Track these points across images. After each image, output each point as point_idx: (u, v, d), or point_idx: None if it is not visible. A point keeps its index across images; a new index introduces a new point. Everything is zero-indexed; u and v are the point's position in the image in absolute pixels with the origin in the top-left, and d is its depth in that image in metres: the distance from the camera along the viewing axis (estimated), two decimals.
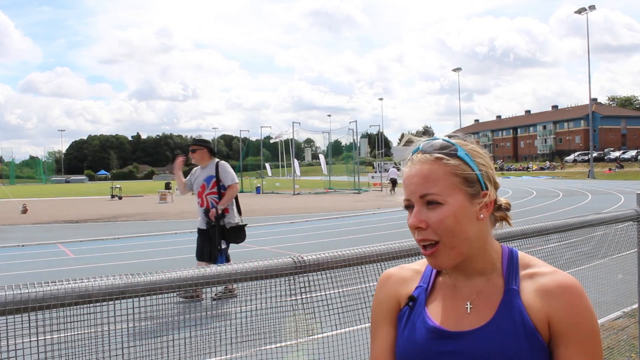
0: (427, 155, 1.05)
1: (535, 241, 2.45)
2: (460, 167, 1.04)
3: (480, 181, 1.05)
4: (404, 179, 1.07)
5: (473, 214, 1.04)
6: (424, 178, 1.03)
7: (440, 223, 1.01)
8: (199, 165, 6.31)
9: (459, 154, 1.05)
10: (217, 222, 5.98)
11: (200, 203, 6.18)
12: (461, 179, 1.03)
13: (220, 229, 6.00)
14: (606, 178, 44.71)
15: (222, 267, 1.54)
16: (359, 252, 1.80)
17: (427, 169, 1.04)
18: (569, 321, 0.99)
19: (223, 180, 6.09)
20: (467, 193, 1.03)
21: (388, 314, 1.16)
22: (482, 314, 1.04)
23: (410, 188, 1.05)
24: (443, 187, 1.02)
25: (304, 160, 54.66)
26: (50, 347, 1.39)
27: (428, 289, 1.13)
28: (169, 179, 74.25)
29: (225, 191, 6.07)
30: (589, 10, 48.64)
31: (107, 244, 11.83)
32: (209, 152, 6.26)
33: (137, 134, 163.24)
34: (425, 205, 1.03)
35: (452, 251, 1.02)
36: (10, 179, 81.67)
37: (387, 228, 13.79)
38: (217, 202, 6.03)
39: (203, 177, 6.17)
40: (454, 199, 1.02)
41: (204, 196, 6.13)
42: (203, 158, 6.22)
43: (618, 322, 4.27)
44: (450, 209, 1.02)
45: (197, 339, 1.66)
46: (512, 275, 1.06)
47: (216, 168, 6.14)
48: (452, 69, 72.55)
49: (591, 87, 51.88)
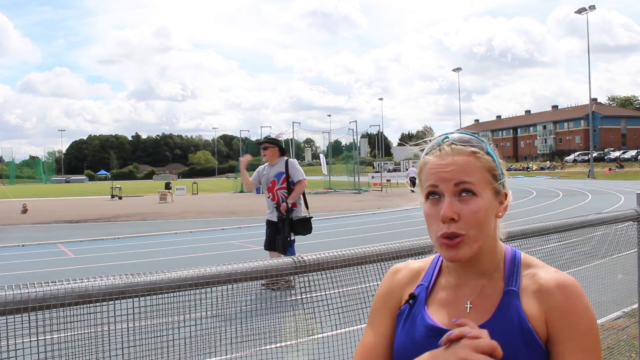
0: (462, 147, 1.04)
1: (535, 241, 2.45)
2: (491, 164, 1.05)
3: (502, 180, 1.07)
4: (431, 168, 1.05)
5: (496, 210, 1.06)
6: (461, 167, 1.02)
7: (473, 215, 1.01)
8: (269, 162, 6.72)
9: (489, 151, 1.06)
10: (287, 215, 6.41)
11: (271, 197, 6.62)
12: (491, 175, 1.05)
13: (289, 222, 6.43)
14: (606, 178, 44.71)
15: (222, 267, 1.54)
16: (359, 252, 1.80)
17: (463, 160, 1.03)
18: (567, 320, 0.99)
19: (292, 177, 6.54)
20: (494, 189, 1.05)
21: (390, 305, 1.17)
22: (480, 314, 1.04)
23: (442, 176, 1.02)
24: (478, 179, 1.02)
25: (304, 160, 54.63)
26: (50, 347, 1.39)
27: (429, 287, 1.13)
28: (168, 178, 74.32)
29: (294, 186, 6.53)
30: (589, 10, 48.63)
31: (107, 244, 11.83)
32: (279, 150, 6.72)
33: (137, 134, 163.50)
34: (457, 196, 1.02)
35: (474, 244, 1.02)
36: (10, 179, 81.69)
37: (387, 228, 13.80)
38: (287, 197, 6.47)
39: (273, 174, 6.61)
40: (486, 193, 1.03)
41: (275, 191, 6.57)
42: (274, 156, 6.68)
43: (618, 322, 4.27)
44: (483, 202, 1.02)
45: (197, 339, 1.65)
46: (513, 277, 1.06)
47: (286, 165, 6.58)
48: (452, 69, 72.58)
49: (590, 87, 51.85)
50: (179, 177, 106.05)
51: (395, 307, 1.16)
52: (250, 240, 11.69)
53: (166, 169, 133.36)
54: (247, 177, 6.93)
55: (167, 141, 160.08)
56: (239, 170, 8.42)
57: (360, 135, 38.26)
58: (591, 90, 52.95)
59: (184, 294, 1.52)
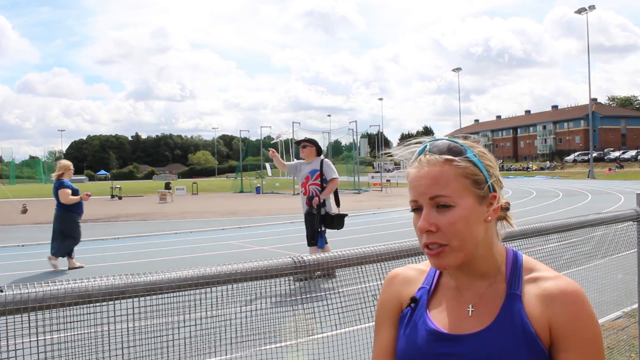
0: (436, 157, 1.02)
1: (535, 241, 2.44)
2: (470, 169, 1.02)
3: (488, 183, 1.04)
4: (411, 180, 1.04)
5: (482, 216, 1.03)
6: (434, 180, 1.00)
7: (451, 226, 0.99)
8: (305, 160, 7.32)
9: (468, 156, 1.03)
10: (318, 210, 6.98)
11: (303, 192, 7.23)
12: (471, 181, 1.02)
13: (320, 216, 6.99)
14: (606, 178, 44.70)
15: (222, 267, 1.54)
16: (359, 252, 1.80)
17: (437, 170, 1.01)
18: (571, 327, 0.98)
19: (326, 175, 7.10)
20: (476, 195, 1.02)
21: (391, 314, 1.16)
22: (483, 318, 1.03)
23: (419, 190, 1.02)
24: (454, 189, 1.00)
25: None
26: (50, 347, 1.39)
27: (430, 290, 1.12)
28: (168, 178, 74.27)
29: (327, 184, 7.08)
30: (588, 10, 48.63)
31: (107, 244, 11.83)
32: (316, 150, 7.31)
33: (137, 134, 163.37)
34: (434, 208, 1.01)
35: (459, 253, 1.01)
36: (10, 179, 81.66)
37: (387, 228, 13.80)
38: (318, 193, 7.03)
39: (308, 170, 7.19)
40: (464, 202, 1.00)
41: (307, 186, 7.14)
42: (311, 154, 7.27)
43: (618, 322, 4.27)
44: (461, 211, 1.00)
45: (197, 339, 1.65)
46: (515, 280, 1.05)
47: (321, 164, 7.15)
48: (451, 69, 72.57)
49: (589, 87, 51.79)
50: (179, 177, 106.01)
51: (396, 314, 1.15)
52: (250, 240, 11.69)
53: (166, 169, 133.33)
54: (280, 160, 7.56)
55: (167, 141, 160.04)
56: (239, 170, 8.84)
57: (360, 135, 38.25)
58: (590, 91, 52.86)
59: (184, 294, 1.52)
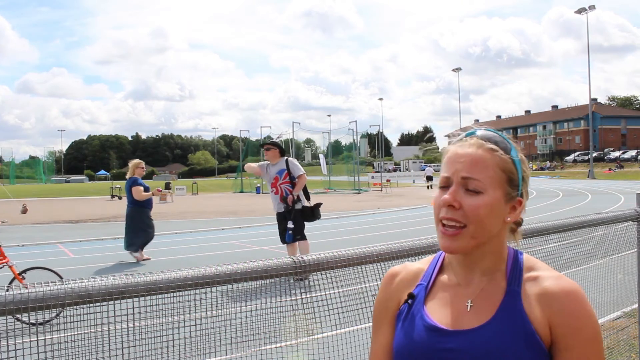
0: (484, 142, 1.04)
1: (535, 241, 2.45)
2: (509, 166, 1.04)
3: (519, 187, 1.06)
4: (450, 157, 1.06)
5: (503, 213, 1.05)
6: (473, 161, 1.02)
7: (474, 210, 1.01)
8: (270, 161, 7.61)
9: (512, 154, 1.05)
10: (293, 206, 7.33)
11: (274, 192, 7.49)
12: (507, 177, 1.04)
13: (296, 212, 7.35)
14: (606, 178, 44.71)
15: (222, 267, 1.54)
16: (358, 252, 1.80)
17: (479, 154, 1.03)
18: (571, 326, 0.98)
19: (293, 172, 7.45)
20: (506, 192, 1.04)
21: (389, 312, 1.16)
22: (482, 314, 1.04)
23: (455, 166, 1.03)
24: (488, 176, 1.02)
25: (304, 160, 54.64)
26: (50, 347, 1.39)
27: (428, 286, 1.13)
28: (168, 178, 74.27)
29: (296, 181, 7.42)
30: (588, 10, 48.63)
31: (107, 244, 11.83)
32: (279, 151, 7.62)
33: (137, 134, 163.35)
34: (463, 188, 1.02)
35: (472, 240, 1.02)
36: (10, 179, 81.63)
37: (387, 228, 13.80)
38: (291, 190, 7.36)
39: (276, 171, 7.49)
40: (494, 192, 1.02)
41: (278, 185, 7.44)
42: (275, 156, 7.58)
43: (618, 322, 4.27)
44: (488, 199, 1.01)
45: (197, 339, 1.66)
46: (515, 277, 1.05)
47: (286, 163, 7.49)
48: (451, 69, 72.55)
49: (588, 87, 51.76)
50: (179, 177, 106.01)
51: (394, 313, 1.16)
52: (250, 240, 11.69)
53: (166, 169, 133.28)
54: (254, 166, 7.92)
55: (167, 141, 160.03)
56: (239, 171, 9.14)
57: (360, 135, 38.23)
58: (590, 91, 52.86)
59: (184, 294, 1.52)
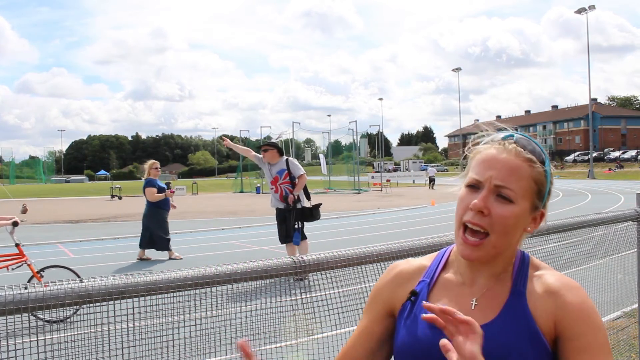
0: (522, 150, 1.03)
1: (535, 241, 2.45)
2: (542, 178, 1.04)
3: (544, 199, 1.05)
4: (485, 159, 1.04)
5: (526, 224, 1.05)
6: (511, 170, 1.01)
7: (503, 219, 1.00)
8: (270, 162, 7.58)
9: (546, 167, 1.05)
10: (294, 206, 7.36)
11: (274, 190, 7.53)
12: (537, 188, 1.03)
13: (297, 211, 7.37)
14: (606, 178, 44.70)
15: (222, 267, 1.54)
16: (358, 252, 1.80)
17: (517, 163, 1.02)
18: (576, 316, 0.99)
19: (293, 172, 7.47)
20: (533, 203, 1.04)
21: (382, 301, 1.17)
22: (486, 312, 1.04)
23: (490, 172, 1.02)
24: (522, 187, 1.01)
25: (304, 160, 54.67)
26: (50, 347, 1.39)
27: (431, 284, 1.13)
28: (168, 178, 74.29)
29: (296, 181, 7.45)
30: (588, 10, 48.63)
31: (107, 244, 11.83)
32: (278, 151, 7.60)
33: (137, 134, 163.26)
34: (494, 195, 1.01)
35: (493, 250, 1.02)
36: (10, 179, 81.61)
37: (387, 228, 13.80)
38: (291, 190, 7.38)
39: (276, 170, 7.51)
40: (524, 203, 1.02)
41: (278, 185, 7.48)
42: (273, 156, 7.57)
43: (618, 322, 4.27)
44: (517, 210, 1.01)
45: (197, 339, 1.66)
46: (521, 278, 1.06)
47: (287, 163, 7.51)
48: (451, 69, 72.58)
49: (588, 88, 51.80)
50: (179, 177, 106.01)
51: (385, 305, 1.17)
52: (250, 240, 11.69)
53: (166, 169, 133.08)
54: (240, 147, 7.99)
55: (167, 141, 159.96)
56: (239, 170, 9.14)
57: (360, 135, 38.22)
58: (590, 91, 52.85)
59: (184, 294, 1.52)
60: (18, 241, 5.66)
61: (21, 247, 5.63)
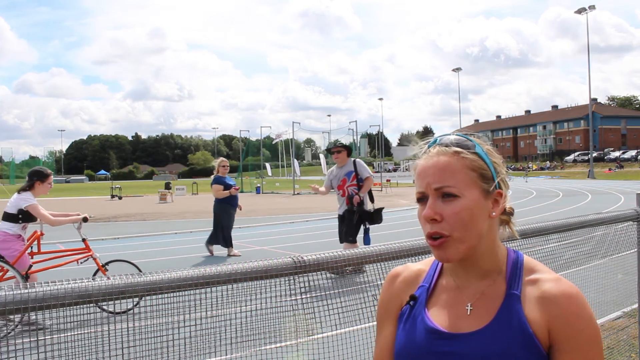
0: (445, 148, 1.05)
1: (535, 241, 2.45)
2: (477, 163, 1.04)
3: (494, 179, 1.06)
4: (419, 171, 1.06)
5: (486, 210, 1.05)
6: (441, 170, 1.03)
7: (455, 216, 1.01)
8: (339, 164, 7.63)
9: (476, 150, 1.05)
10: (360, 207, 7.32)
11: (341, 194, 7.56)
12: (478, 174, 1.04)
13: (362, 213, 7.35)
14: (606, 178, 44.70)
15: (223, 267, 1.54)
16: (359, 252, 1.80)
17: (445, 161, 1.03)
18: (571, 328, 0.98)
19: (361, 174, 7.48)
20: (482, 189, 1.04)
21: (392, 313, 1.17)
22: (481, 317, 1.04)
23: (426, 180, 1.04)
24: (460, 180, 1.02)
25: (304, 160, 54.68)
26: (50, 347, 1.39)
27: (430, 288, 1.13)
28: (168, 178, 74.29)
29: (362, 183, 7.44)
30: (588, 10, 48.63)
31: (107, 244, 11.83)
32: (347, 153, 7.63)
33: (137, 134, 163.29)
34: (440, 198, 1.02)
35: (461, 245, 1.02)
36: (10, 178, 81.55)
37: (387, 228, 13.80)
38: (356, 192, 7.38)
39: (344, 173, 7.54)
40: (470, 193, 1.02)
41: (345, 187, 7.50)
42: (344, 158, 7.60)
43: (618, 322, 4.27)
44: (466, 202, 1.02)
45: (197, 339, 1.66)
46: (515, 280, 1.05)
47: (354, 164, 7.52)
48: (451, 69, 72.55)
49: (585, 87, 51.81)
50: (179, 177, 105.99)
51: (396, 314, 1.16)
52: (250, 240, 11.69)
53: (166, 169, 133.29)
54: (322, 190, 7.75)
55: (167, 141, 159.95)
56: (239, 170, 8.96)
57: (360, 135, 38.26)
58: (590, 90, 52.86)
59: (184, 294, 1.52)
60: (85, 236, 5.85)
61: (87, 242, 5.82)
